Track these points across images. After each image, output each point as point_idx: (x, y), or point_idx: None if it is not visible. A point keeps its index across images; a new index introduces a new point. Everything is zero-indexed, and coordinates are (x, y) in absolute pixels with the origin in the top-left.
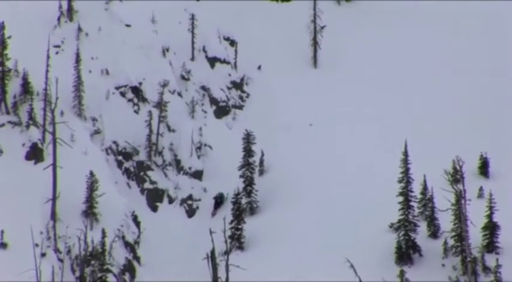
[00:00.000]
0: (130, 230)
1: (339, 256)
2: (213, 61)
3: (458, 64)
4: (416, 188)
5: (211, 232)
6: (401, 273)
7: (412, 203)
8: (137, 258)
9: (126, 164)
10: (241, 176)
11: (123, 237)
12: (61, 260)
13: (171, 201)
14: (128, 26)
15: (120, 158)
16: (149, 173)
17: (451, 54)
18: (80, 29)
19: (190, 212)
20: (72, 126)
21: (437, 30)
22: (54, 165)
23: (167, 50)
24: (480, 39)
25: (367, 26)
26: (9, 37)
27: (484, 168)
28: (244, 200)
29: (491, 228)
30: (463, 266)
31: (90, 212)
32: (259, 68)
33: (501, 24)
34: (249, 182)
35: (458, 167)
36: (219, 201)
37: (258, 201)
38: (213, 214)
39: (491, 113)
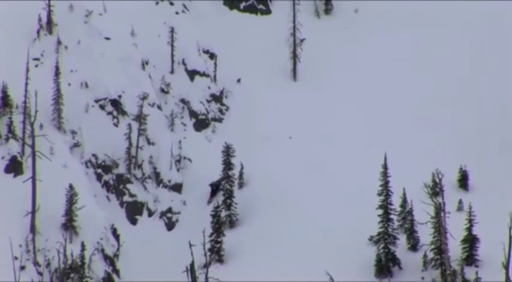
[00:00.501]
0: (110, 243)
1: (318, 269)
2: (192, 74)
3: (438, 75)
4: (396, 201)
5: (190, 245)
6: None
7: (391, 216)
8: (116, 272)
9: (106, 177)
10: (220, 189)
11: (103, 250)
12: (40, 273)
13: (150, 214)
14: (107, 39)
15: (99, 171)
16: (128, 186)
17: (431, 65)
18: (59, 42)
19: (170, 225)
20: (52, 139)
21: (417, 42)
22: (33, 178)
23: (146, 63)
24: (461, 50)
25: (346, 39)
26: None
27: (463, 181)
28: (223, 213)
29: (470, 241)
30: (443, 279)
31: (69, 225)
32: (238, 80)
33: (483, 34)
34: (228, 195)
35: (437, 180)
36: (215, 188)
37: (238, 214)
38: (209, 201)
39: (470, 125)
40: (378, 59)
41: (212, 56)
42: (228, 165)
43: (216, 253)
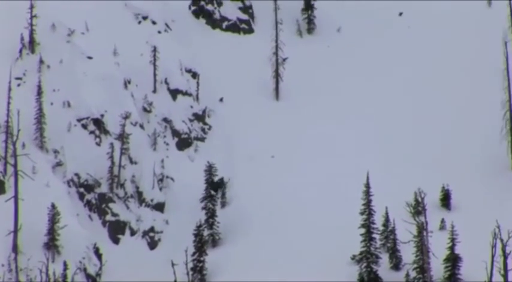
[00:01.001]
0: (92, 262)
1: None
2: (175, 93)
3: (422, 95)
4: (379, 220)
5: (173, 264)
6: None
7: (374, 235)
8: None
9: (88, 196)
10: (203, 208)
11: (85, 270)
12: None
13: (133, 233)
14: (89, 58)
15: (81, 190)
16: (111, 205)
17: (416, 84)
18: (41, 61)
19: (152, 244)
20: (34, 159)
21: (398, 60)
22: (15, 197)
23: (129, 82)
24: (446, 70)
25: (328, 58)
26: None
27: (445, 200)
28: (206, 232)
29: (453, 260)
30: None
31: (51, 244)
32: (221, 100)
33: (466, 54)
34: (211, 214)
35: (420, 199)
36: (216, 186)
37: (220, 233)
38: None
39: (452, 145)
40: (361, 78)
41: (195, 75)
42: (210, 184)
43: (198, 272)
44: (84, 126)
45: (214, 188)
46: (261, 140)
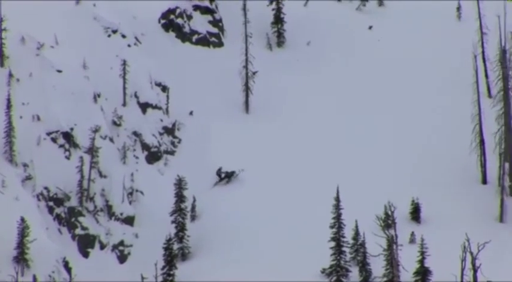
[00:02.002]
0: (62, 276)
1: None
2: (144, 107)
3: (389, 107)
4: (348, 234)
5: (142, 278)
6: None
7: (344, 248)
8: None
9: (58, 210)
10: (173, 222)
11: None
12: None
13: (102, 247)
14: (59, 71)
15: (51, 203)
16: (80, 218)
17: (382, 96)
18: (11, 75)
19: (122, 258)
20: (3, 172)
21: (368, 74)
22: None
23: (99, 95)
24: (411, 82)
25: (298, 72)
26: None
27: (415, 213)
28: (176, 246)
29: (422, 274)
30: None
31: (21, 258)
32: (191, 113)
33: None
34: (180, 228)
35: (390, 213)
36: (221, 174)
37: (190, 246)
38: (214, 184)
39: (422, 158)
40: (330, 91)
41: (164, 88)
42: (180, 197)
43: None
44: (54, 140)
45: (220, 177)
46: (231, 153)
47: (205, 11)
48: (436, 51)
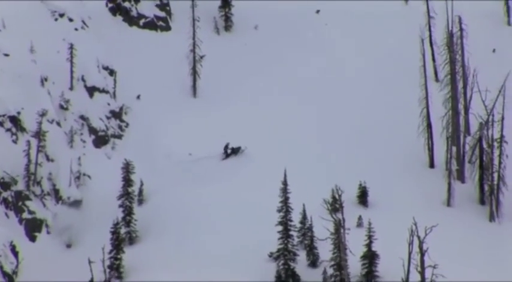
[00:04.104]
0: (8, 260)
1: None
2: (92, 90)
3: (339, 92)
4: (296, 218)
5: (90, 262)
6: None
7: (291, 232)
8: None
9: (4, 194)
10: (120, 206)
11: (1, 268)
12: None
13: (49, 231)
14: (6, 55)
15: None
16: (28, 202)
17: (332, 82)
18: None
19: (69, 242)
20: None
21: (315, 57)
22: None
23: (46, 79)
24: (358, 65)
25: (245, 56)
26: None
27: (363, 197)
28: (123, 230)
29: (370, 257)
30: None
31: None
32: (138, 97)
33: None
34: (128, 212)
35: (337, 196)
36: (227, 150)
37: (137, 230)
38: (222, 159)
39: (370, 142)
40: (277, 75)
41: (112, 72)
42: (127, 181)
43: (115, 270)
44: (1, 124)
45: (227, 153)
46: (179, 137)
47: None
48: (383, 35)
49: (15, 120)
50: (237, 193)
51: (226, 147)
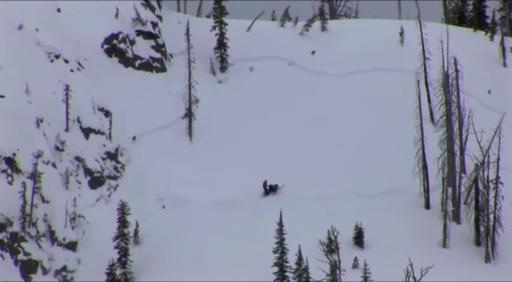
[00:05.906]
0: None
1: None
2: (87, 132)
3: (332, 132)
4: (292, 258)
5: None
6: None
7: (287, 274)
8: None
9: (0, 235)
10: (115, 247)
11: None
12: None
13: (45, 272)
14: (1, 96)
15: None
16: (23, 244)
17: (325, 121)
18: None
19: None
20: None
21: (311, 98)
22: None
23: (41, 120)
24: (354, 106)
25: (240, 98)
26: None
27: (359, 238)
28: (119, 271)
29: None
30: None
31: None
32: (134, 138)
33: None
34: (123, 253)
35: (333, 237)
36: (267, 188)
37: (133, 272)
38: (263, 196)
39: (365, 182)
40: (273, 117)
41: (107, 113)
42: (123, 223)
43: None
44: None
45: (266, 190)
46: (174, 178)
47: (148, 35)
48: (378, 76)
49: (10, 161)
50: (232, 235)
51: (265, 184)
